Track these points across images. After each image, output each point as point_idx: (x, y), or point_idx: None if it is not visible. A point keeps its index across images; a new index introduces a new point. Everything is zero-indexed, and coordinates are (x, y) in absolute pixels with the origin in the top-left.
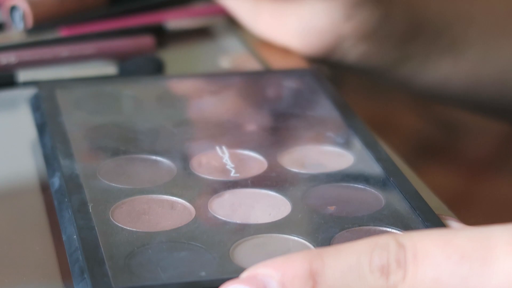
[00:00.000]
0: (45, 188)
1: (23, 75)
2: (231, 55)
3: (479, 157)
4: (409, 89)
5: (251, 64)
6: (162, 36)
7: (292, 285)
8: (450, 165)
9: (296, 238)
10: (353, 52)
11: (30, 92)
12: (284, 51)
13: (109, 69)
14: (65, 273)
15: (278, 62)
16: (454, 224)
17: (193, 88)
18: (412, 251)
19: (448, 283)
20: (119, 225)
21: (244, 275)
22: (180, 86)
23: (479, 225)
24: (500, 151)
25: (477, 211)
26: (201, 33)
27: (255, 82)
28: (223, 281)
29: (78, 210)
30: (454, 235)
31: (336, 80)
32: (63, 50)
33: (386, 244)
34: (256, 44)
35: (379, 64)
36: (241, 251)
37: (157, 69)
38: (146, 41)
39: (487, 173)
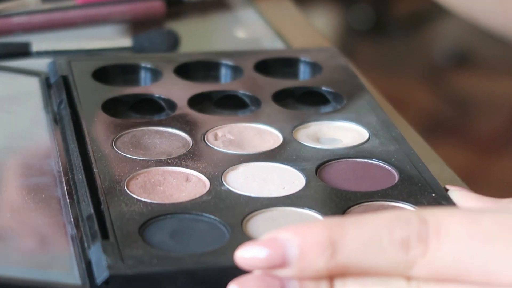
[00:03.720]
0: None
1: (36, 45)
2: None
3: (489, 135)
4: None
5: (267, 35)
6: (179, 7)
7: (311, 252)
8: (461, 142)
9: (309, 212)
10: None
11: (43, 62)
12: (298, 23)
13: (123, 42)
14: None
15: (294, 35)
16: (466, 193)
17: None
18: (436, 227)
19: (470, 262)
20: (134, 196)
21: (264, 237)
22: None
23: None
24: (510, 129)
25: (487, 188)
26: (217, 4)
27: (274, 59)
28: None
29: (93, 180)
30: (479, 215)
31: (349, 58)
32: (76, 14)
33: (408, 218)
34: (272, 15)
35: None
36: (254, 224)
37: (173, 44)
38: (156, 5)
39: (498, 150)
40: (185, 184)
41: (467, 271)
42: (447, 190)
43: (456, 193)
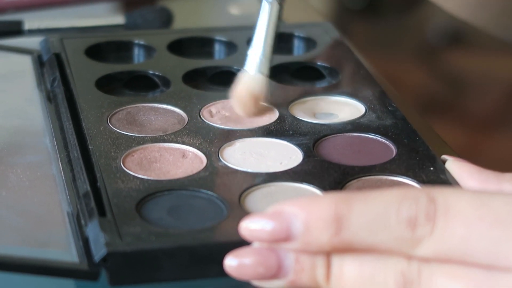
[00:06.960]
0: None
1: (29, 24)
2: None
3: (484, 112)
4: None
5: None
6: None
7: (315, 227)
8: (455, 120)
9: (307, 187)
10: None
11: (36, 40)
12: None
13: (116, 19)
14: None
15: (287, 11)
16: (467, 165)
17: None
18: (444, 207)
19: (477, 244)
20: (131, 172)
21: (269, 210)
22: None
23: None
24: (506, 108)
25: (482, 165)
26: None
27: None
28: (233, 229)
29: (89, 158)
30: (489, 197)
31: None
32: None
33: (416, 196)
34: None
35: None
36: (252, 200)
37: (166, 20)
38: None
39: (493, 130)
40: (181, 161)
41: (473, 253)
42: (445, 161)
43: (456, 164)
